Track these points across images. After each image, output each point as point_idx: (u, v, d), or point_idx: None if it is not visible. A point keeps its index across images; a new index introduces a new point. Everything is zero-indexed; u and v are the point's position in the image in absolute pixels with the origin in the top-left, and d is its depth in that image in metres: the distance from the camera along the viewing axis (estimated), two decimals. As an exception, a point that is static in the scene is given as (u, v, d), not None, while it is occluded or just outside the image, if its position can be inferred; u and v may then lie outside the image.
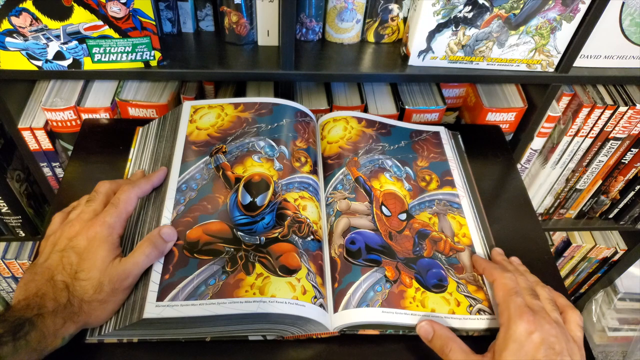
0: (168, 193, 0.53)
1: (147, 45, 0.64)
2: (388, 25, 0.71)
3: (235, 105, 0.62)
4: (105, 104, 0.73)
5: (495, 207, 0.64)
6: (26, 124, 0.74)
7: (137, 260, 0.46)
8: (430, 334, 0.47)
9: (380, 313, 0.49)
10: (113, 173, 0.62)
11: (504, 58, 0.68)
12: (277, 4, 0.66)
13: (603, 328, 1.36)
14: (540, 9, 0.63)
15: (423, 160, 0.64)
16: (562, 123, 0.84)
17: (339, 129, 0.65)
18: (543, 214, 1.03)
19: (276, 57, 0.69)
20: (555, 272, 0.58)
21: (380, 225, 0.56)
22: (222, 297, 0.45)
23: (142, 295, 0.45)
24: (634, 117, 0.80)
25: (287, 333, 0.49)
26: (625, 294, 1.30)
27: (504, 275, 0.49)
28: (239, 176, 0.55)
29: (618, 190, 0.98)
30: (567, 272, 1.26)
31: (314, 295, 0.48)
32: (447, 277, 0.53)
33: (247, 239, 0.50)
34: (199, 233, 0.50)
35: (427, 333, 0.47)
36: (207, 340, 0.49)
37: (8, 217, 0.88)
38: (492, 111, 0.77)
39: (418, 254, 0.54)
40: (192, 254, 0.48)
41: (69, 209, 0.51)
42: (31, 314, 0.40)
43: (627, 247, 1.16)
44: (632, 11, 0.66)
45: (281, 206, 0.53)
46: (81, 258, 0.44)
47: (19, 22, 0.59)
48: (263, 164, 0.56)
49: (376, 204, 0.58)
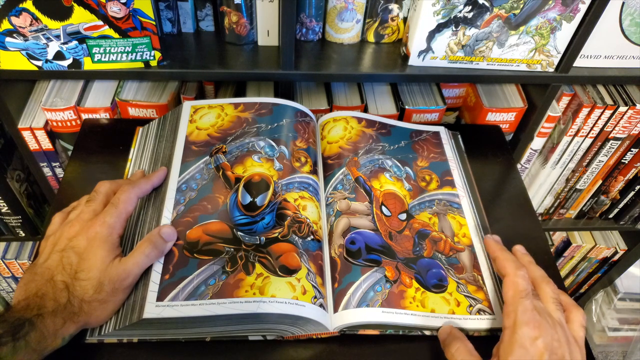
0: (168, 193, 0.53)
1: (147, 45, 0.64)
2: (388, 25, 0.71)
3: (235, 105, 0.62)
4: (105, 104, 0.73)
5: (495, 207, 0.64)
6: (26, 124, 0.74)
7: (137, 260, 0.46)
8: (445, 333, 0.48)
9: (380, 313, 0.49)
10: (113, 173, 0.62)
11: (504, 58, 0.68)
12: (277, 4, 0.66)
13: (603, 328, 1.36)
14: (540, 9, 0.63)
15: (423, 160, 0.64)
16: (562, 123, 0.84)
17: (339, 129, 0.65)
18: (543, 214, 1.03)
19: (276, 57, 0.69)
20: (555, 272, 0.58)
21: (380, 225, 0.56)
22: (222, 297, 0.45)
23: (142, 295, 0.45)
24: (634, 117, 0.80)
25: (287, 333, 0.49)
26: (625, 294, 1.30)
27: (517, 273, 0.47)
28: (239, 176, 0.55)
29: (618, 190, 0.98)
30: (567, 272, 1.26)
31: (314, 295, 0.48)
32: (447, 277, 0.53)
33: (247, 239, 0.50)
34: (199, 233, 0.50)
35: (444, 332, 0.48)
36: (207, 340, 0.49)
37: (8, 217, 0.88)
38: (492, 111, 0.77)
39: (418, 254, 0.54)
40: (192, 254, 0.48)
41: (69, 209, 0.51)
42: (31, 314, 0.40)
43: (627, 247, 1.16)
44: (632, 11, 0.66)
45: (281, 206, 0.53)
46: (81, 258, 0.44)
47: (19, 22, 0.59)
48: (263, 164, 0.56)
49: (376, 204, 0.58)
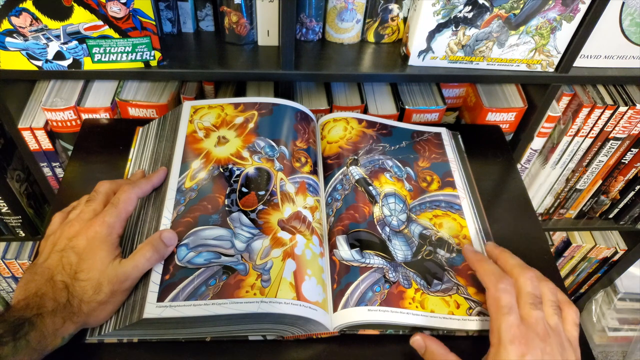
0: (168, 193, 0.53)
1: (147, 45, 0.64)
2: (388, 25, 0.71)
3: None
4: (105, 104, 0.73)
5: (495, 207, 0.64)
6: (26, 124, 0.74)
7: (138, 263, 0.46)
8: (422, 349, 0.47)
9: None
10: (113, 173, 0.62)
11: (504, 58, 0.68)
12: (277, 4, 0.66)
13: (603, 328, 1.36)
14: (540, 9, 0.63)
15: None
16: (562, 123, 0.84)
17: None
18: (543, 214, 1.03)
19: (276, 57, 0.69)
20: (555, 272, 0.58)
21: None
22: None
23: (142, 295, 0.45)
24: (634, 117, 0.80)
25: (287, 333, 0.49)
26: (625, 294, 1.30)
27: (498, 287, 0.46)
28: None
29: (618, 190, 0.98)
30: (567, 272, 1.26)
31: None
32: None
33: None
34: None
35: (420, 347, 0.47)
36: (207, 340, 0.49)
37: (8, 217, 0.88)
38: (492, 111, 0.77)
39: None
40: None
41: (69, 209, 0.51)
42: (31, 314, 0.40)
43: (627, 247, 1.16)
44: (632, 11, 0.66)
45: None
46: (81, 258, 0.44)
47: (19, 22, 0.59)
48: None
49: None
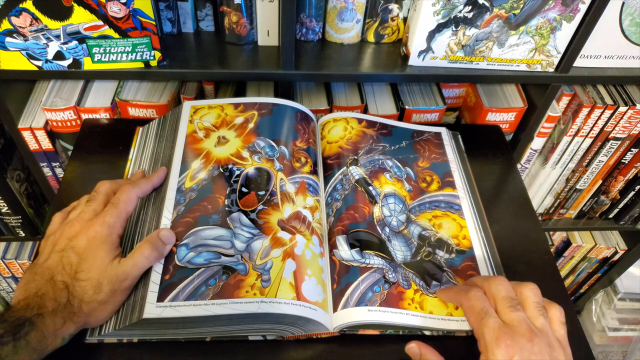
0: (168, 193, 0.53)
1: (147, 45, 0.64)
2: (388, 25, 0.71)
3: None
4: (105, 104, 0.73)
5: (495, 207, 0.64)
6: (26, 124, 0.74)
7: (137, 262, 0.46)
8: (417, 356, 0.47)
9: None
10: (113, 173, 0.62)
11: (504, 58, 0.68)
12: (277, 4, 0.66)
13: (603, 328, 1.36)
14: (540, 9, 0.63)
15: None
16: (562, 123, 0.84)
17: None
18: (543, 214, 1.03)
19: (276, 57, 0.69)
20: (555, 272, 0.58)
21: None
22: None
23: (142, 295, 0.45)
24: (634, 117, 0.80)
25: (287, 333, 0.49)
26: (625, 294, 1.30)
27: (468, 296, 0.46)
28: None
29: (618, 190, 0.98)
30: (567, 272, 1.26)
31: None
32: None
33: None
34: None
35: (415, 355, 0.47)
36: (207, 340, 0.49)
37: (8, 217, 0.88)
38: (492, 111, 0.77)
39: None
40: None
41: (69, 209, 0.51)
42: (31, 314, 0.40)
43: (627, 247, 1.16)
44: (632, 11, 0.66)
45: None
46: (81, 258, 0.44)
47: (19, 22, 0.59)
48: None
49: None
